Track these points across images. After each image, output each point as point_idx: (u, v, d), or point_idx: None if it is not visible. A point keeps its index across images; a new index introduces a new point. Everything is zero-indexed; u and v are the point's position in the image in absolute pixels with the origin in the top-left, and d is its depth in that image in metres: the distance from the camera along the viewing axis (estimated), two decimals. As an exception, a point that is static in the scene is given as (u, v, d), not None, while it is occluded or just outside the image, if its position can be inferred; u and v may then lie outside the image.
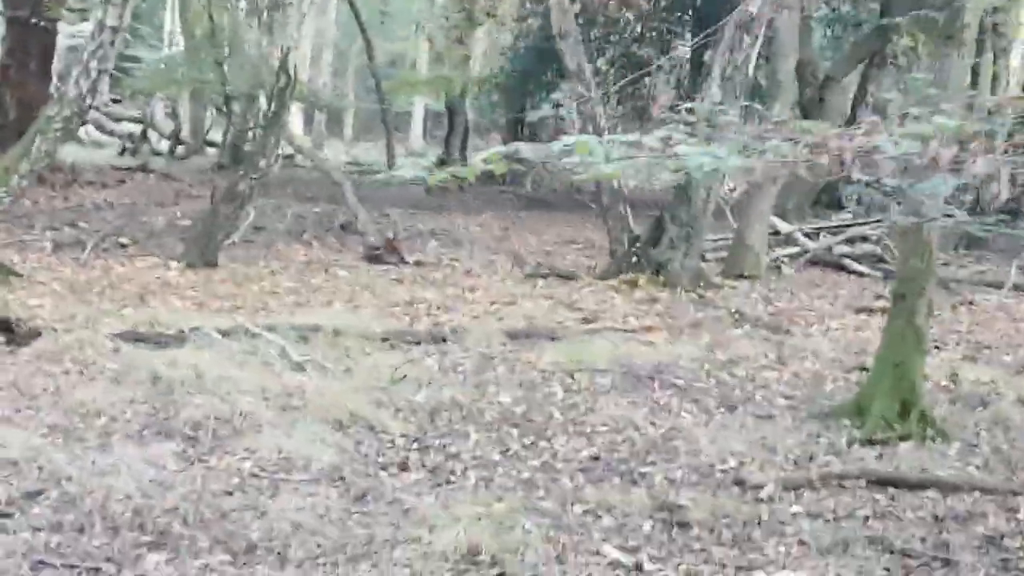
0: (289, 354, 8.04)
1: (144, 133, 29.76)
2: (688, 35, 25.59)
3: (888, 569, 4.61)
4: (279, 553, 4.63)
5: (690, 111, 3.79)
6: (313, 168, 17.91)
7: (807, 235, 15.47)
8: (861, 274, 14.24)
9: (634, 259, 11.99)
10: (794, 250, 14.84)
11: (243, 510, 5.10)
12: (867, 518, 5.27)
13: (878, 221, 16.93)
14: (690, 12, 24.78)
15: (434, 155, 36.38)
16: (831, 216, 17.18)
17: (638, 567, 4.53)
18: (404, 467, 5.95)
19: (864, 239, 15.66)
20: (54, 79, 17.76)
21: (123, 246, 12.92)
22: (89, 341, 7.97)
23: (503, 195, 24.77)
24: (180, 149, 29.54)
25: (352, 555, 4.63)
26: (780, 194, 14.74)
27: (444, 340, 9.00)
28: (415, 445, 6.36)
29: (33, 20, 16.40)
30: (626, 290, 11.54)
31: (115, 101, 35.02)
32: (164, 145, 29.53)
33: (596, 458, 6.25)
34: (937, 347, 9.50)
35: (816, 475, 5.76)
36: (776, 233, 14.92)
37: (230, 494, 5.34)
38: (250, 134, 27.92)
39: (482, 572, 4.48)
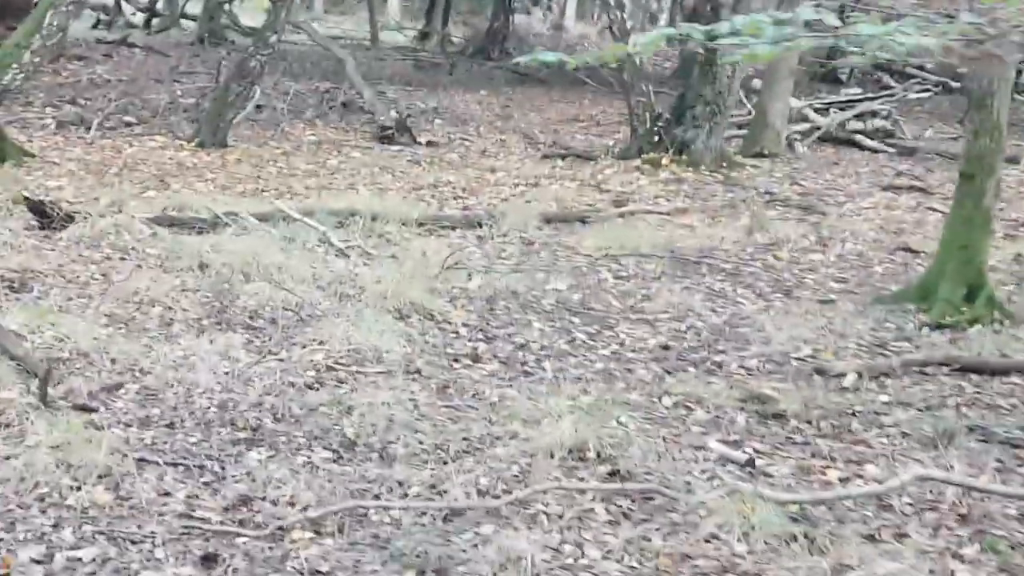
0: (331, 240, 7.88)
1: (118, 4, 28.91)
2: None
3: (1001, 460, 4.56)
4: (381, 450, 4.53)
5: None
6: (312, 44, 17.41)
7: (817, 111, 15.27)
8: (874, 150, 14.09)
9: (656, 138, 11.77)
10: (805, 127, 14.64)
11: (330, 405, 4.98)
12: (958, 406, 5.22)
13: (888, 95, 16.83)
14: None
15: (412, 27, 35.77)
16: (839, 92, 16.92)
17: (751, 463, 4.45)
18: (476, 358, 5.83)
19: (874, 114, 15.50)
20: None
21: (128, 125, 12.60)
22: (125, 226, 7.76)
23: (494, 70, 24.40)
24: (156, 21, 28.78)
25: (455, 452, 4.53)
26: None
27: (480, 225, 8.85)
28: (480, 335, 6.24)
29: None
30: (650, 170, 11.37)
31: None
32: (139, 17, 28.77)
33: (665, 347, 6.16)
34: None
35: (897, 363, 5.69)
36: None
37: (312, 388, 5.22)
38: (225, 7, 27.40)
39: (592, 469, 4.39)
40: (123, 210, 8.38)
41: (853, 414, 5.08)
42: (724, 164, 11.56)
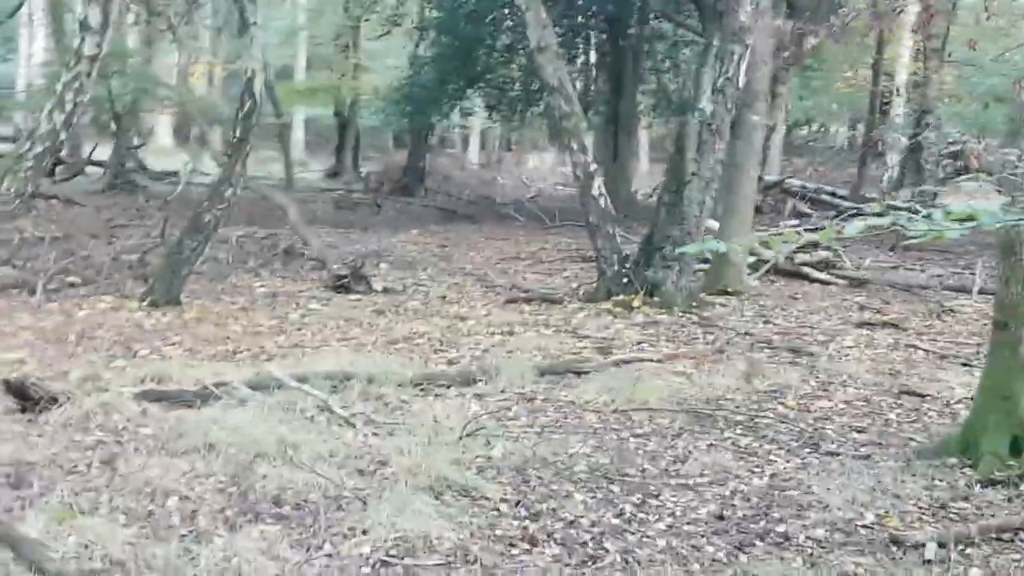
0: (333, 408, 7.48)
1: (20, 153, 28.18)
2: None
3: None
4: (483, 665, 4.14)
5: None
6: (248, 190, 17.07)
7: (760, 243, 15.30)
8: (824, 282, 14.15)
9: (625, 280, 11.63)
10: (751, 259, 14.66)
11: (405, 610, 4.58)
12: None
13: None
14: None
15: (318, 167, 35.68)
16: (778, 223, 17.06)
17: None
18: (533, 542, 5.46)
19: (815, 246, 15.61)
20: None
21: (72, 285, 12.09)
22: (114, 404, 7.29)
23: (415, 208, 24.34)
24: (60, 169, 28.14)
25: (562, 662, 4.16)
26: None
27: (475, 381, 8.54)
28: (523, 511, 5.88)
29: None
30: (622, 313, 11.19)
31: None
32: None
33: (720, 517, 5.86)
34: (966, 364, 9.39)
35: (976, 530, 5.46)
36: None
37: (376, 590, 4.82)
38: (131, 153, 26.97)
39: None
40: (100, 384, 7.92)
41: (956, 593, 4.82)
42: (694, 304, 11.45)
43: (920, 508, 5.95)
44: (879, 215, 3.18)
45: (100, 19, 8.86)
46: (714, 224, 12.87)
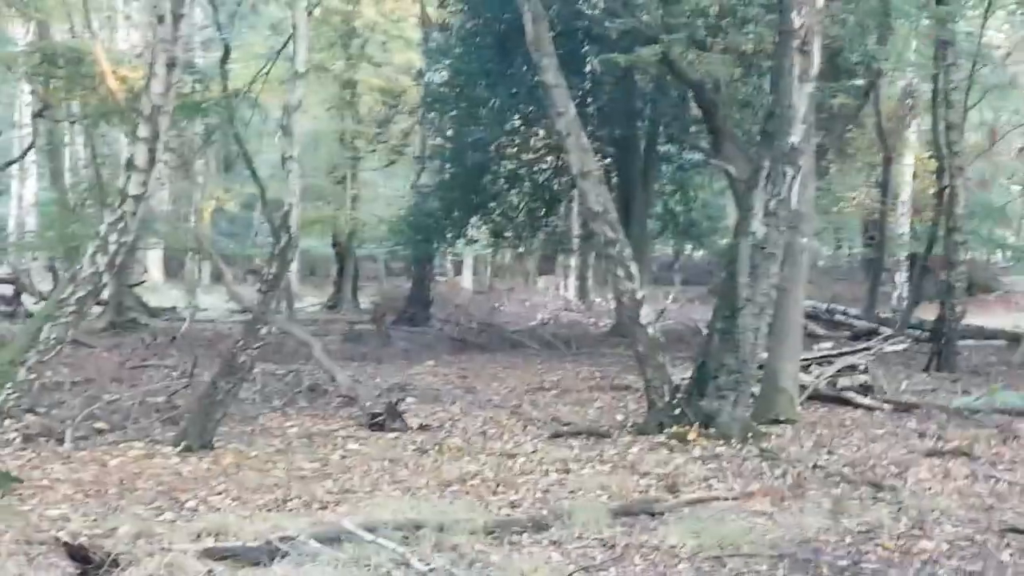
0: (412, 563, 6.96)
1: (18, 294, 27.70)
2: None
3: None
4: None
5: None
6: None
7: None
8: (869, 407, 13.72)
9: (677, 411, 11.18)
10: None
11: None
12: None
13: (864, 349, 16.59)
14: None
15: (311, 299, 35.34)
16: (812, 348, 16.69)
17: None
18: None
19: (852, 368, 15.25)
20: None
21: (100, 432, 11.59)
22: (178, 565, 6.77)
23: (425, 338, 23.99)
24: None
25: None
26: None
27: (548, 526, 8.03)
28: (647, 678, 5.38)
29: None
30: (678, 446, 10.72)
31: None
32: (39, 306, 27.51)
33: None
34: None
35: None
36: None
37: None
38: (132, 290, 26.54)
39: None
40: (156, 542, 7.40)
41: None
42: (751, 435, 10.98)
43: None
44: None
45: (146, 158, 8.47)
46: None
